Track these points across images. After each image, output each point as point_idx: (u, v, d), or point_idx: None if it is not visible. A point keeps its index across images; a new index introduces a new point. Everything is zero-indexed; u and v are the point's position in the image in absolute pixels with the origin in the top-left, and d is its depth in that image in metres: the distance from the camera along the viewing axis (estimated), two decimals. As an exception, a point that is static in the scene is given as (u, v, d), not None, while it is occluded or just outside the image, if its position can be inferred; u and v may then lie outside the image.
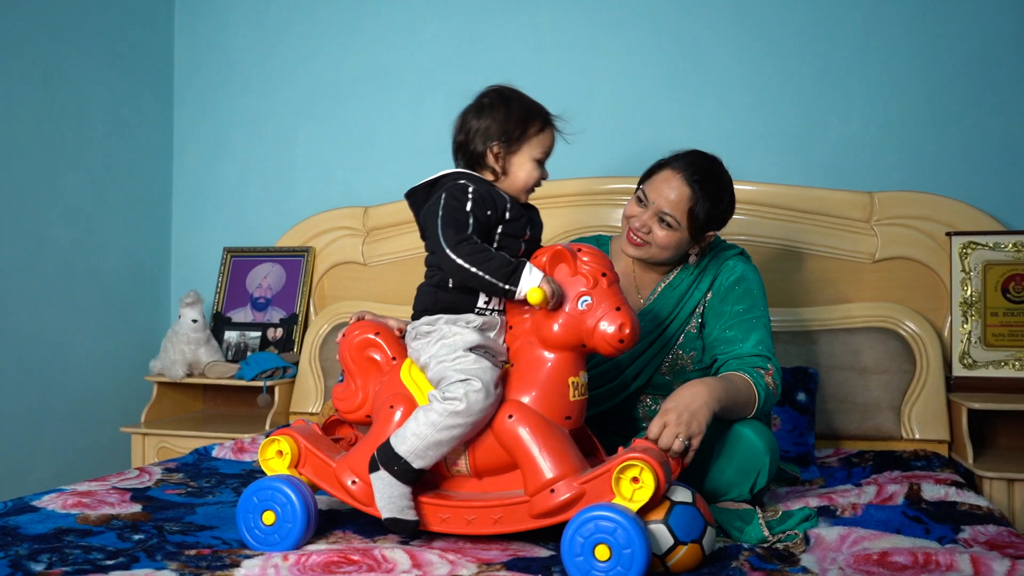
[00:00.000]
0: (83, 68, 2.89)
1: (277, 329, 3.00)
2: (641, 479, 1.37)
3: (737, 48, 2.80)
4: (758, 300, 1.89)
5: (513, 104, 1.59)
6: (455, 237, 1.49)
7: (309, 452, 1.58)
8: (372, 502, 1.50)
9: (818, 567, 1.41)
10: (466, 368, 1.47)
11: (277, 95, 3.20)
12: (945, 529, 1.60)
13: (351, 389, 1.64)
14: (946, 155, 2.63)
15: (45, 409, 2.75)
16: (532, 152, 1.59)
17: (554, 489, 1.41)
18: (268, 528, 1.49)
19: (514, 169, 1.58)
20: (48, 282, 2.77)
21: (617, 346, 1.46)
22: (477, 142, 1.57)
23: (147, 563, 1.38)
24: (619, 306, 1.46)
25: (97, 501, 1.77)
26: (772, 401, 1.78)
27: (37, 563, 1.37)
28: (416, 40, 3.06)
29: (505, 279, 1.46)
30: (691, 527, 1.39)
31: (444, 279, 1.55)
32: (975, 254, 2.46)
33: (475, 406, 1.44)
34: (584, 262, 1.49)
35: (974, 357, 2.43)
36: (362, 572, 1.35)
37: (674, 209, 1.83)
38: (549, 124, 1.61)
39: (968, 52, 2.63)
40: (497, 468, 1.52)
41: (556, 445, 1.45)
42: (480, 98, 1.62)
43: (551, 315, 1.48)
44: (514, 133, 1.57)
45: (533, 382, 1.49)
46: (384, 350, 1.63)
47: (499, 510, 1.47)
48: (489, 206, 1.54)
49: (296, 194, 3.18)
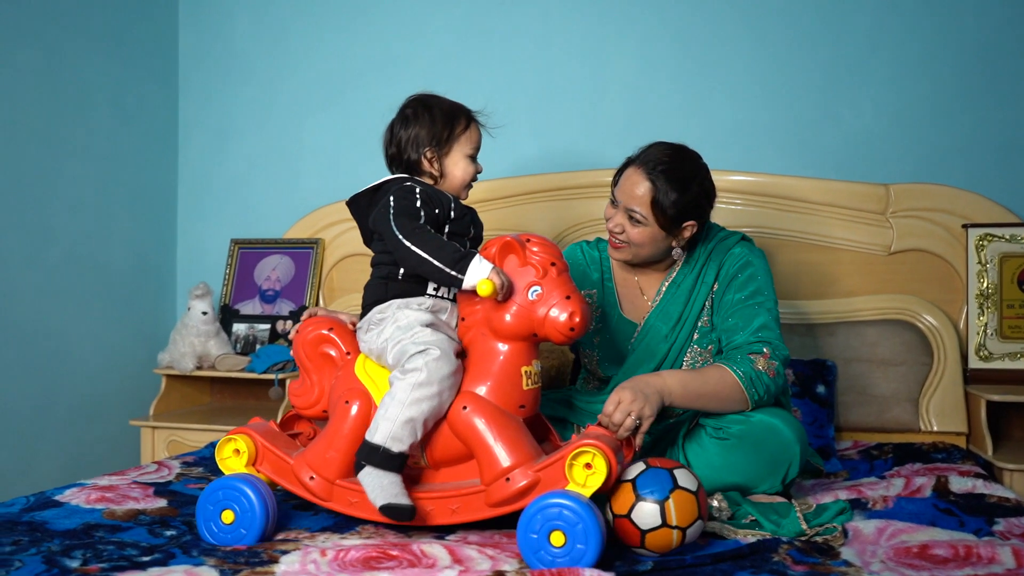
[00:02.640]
0: (87, 57, 2.84)
1: (287, 321, 2.97)
2: (594, 465, 1.40)
3: (747, 40, 2.78)
4: (762, 286, 1.86)
5: (435, 109, 1.68)
6: (409, 225, 1.54)
7: (266, 450, 1.59)
8: (330, 497, 1.53)
9: (859, 560, 1.40)
10: (423, 340, 1.50)
11: (283, 85, 3.16)
12: (979, 522, 1.60)
13: (307, 385, 1.67)
14: (959, 147, 2.63)
15: (52, 402, 2.71)
16: (463, 150, 1.67)
17: (510, 478, 1.44)
18: (227, 526, 1.49)
19: (450, 169, 1.67)
20: (53, 274, 2.73)
21: (568, 334, 1.48)
22: (410, 151, 1.66)
23: (184, 559, 1.36)
24: (569, 295, 1.49)
25: (120, 496, 1.74)
26: (770, 383, 1.73)
27: (71, 559, 1.35)
28: (424, 30, 3.03)
29: (453, 265, 1.49)
30: (660, 483, 1.42)
31: (394, 271, 1.60)
32: (991, 246, 2.46)
33: (436, 373, 1.46)
34: (533, 252, 1.51)
35: (990, 349, 2.44)
36: (403, 568, 1.33)
37: (639, 204, 1.81)
38: (473, 120, 1.70)
39: (981, 43, 2.62)
40: (453, 459, 1.55)
41: (511, 434, 1.47)
42: (403, 109, 1.71)
43: (502, 306, 1.50)
44: (442, 136, 1.66)
45: (487, 373, 1.52)
46: (338, 345, 1.65)
47: (456, 500, 1.49)
48: (436, 204, 1.60)
49: (303, 185, 3.14)
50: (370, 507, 1.49)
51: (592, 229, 2.71)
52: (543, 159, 2.89)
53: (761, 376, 1.73)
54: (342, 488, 1.53)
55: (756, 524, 1.58)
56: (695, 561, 1.38)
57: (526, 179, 2.82)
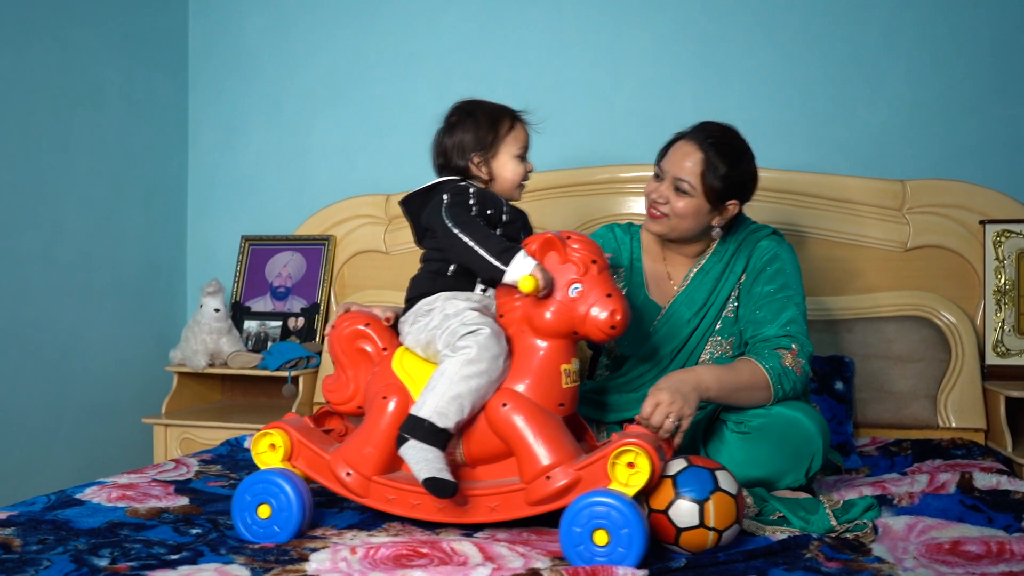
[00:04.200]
0: (97, 53, 2.82)
1: (298, 318, 2.96)
2: (636, 464, 1.39)
3: (762, 37, 2.77)
4: (791, 280, 1.87)
5: (478, 113, 1.68)
6: (460, 215, 1.55)
7: (302, 445, 1.57)
8: (367, 493, 1.51)
9: (892, 557, 1.39)
10: (472, 321, 1.49)
11: (294, 81, 3.15)
12: (1008, 518, 1.59)
13: (342, 381, 1.65)
14: (975, 143, 2.62)
15: (64, 400, 2.70)
16: (510, 151, 1.67)
17: (550, 476, 1.43)
18: (264, 521, 1.48)
19: (498, 172, 1.67)
20: (64, 272, 2.71)
21: (609, 332, 1.47)
22: (456, 158, 1.66)
23: (213, 558, 1.35)
24: (610, 292, 1.48)
25: (142, 494, 1.73)
26: (796, 380, 1.74)
27: (99, 558, 1.34)
28: (438, 25, 3.01)
29: (498, 256, 1.48)
30: (702, 483, 1.41)
31: (443, 267, 1.60)
32: (1009, 242, 2.46)
33: (486, 351, 1.45)
34: (574, 249, 1.50)
35: (1007, 345, 2.43)
36: (435, 566, 1.32)
37: (688, 174, 1.82)
38: (517, 120, 1.70)
39: (996, 39, 2.61)
40: (491, 456, 1.53)
41: (551, 432, 1.46)
42: (447, 118, 1.71)
43: (542, 303, 1.49)
44: (487, 139, 1.65)
45: (526, 370, 1.50)
46: (375, 341, 1.64)
47: (496, 498, 1.48)
48: (490, 205, 1.61)
49: (315, 181, 3.13)
50: (408, 504, 1.48)
51: (609, 226, 2.69)
52: (557, 156, 2.87)
53: (788, 373, 1.73)
54: (379, 484, 1.51)
55: (784, 520, 1.57)
56: (728, 559, 1.37)
57: (540, 176, 2.79)
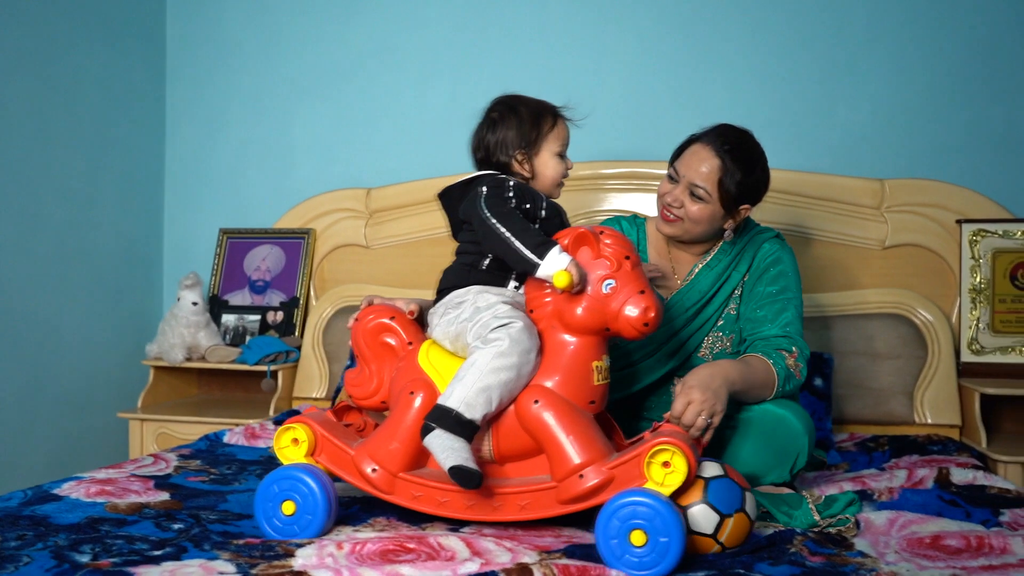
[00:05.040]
0: (74, 43, 2.77)
1: (277, 312, 2.93)
2: (672, 463, 1.38)
3: (745, 34, 2.79)
4: (791, 283, 1.90)
5: (521, 109, 1.65)
6: (498, 206, 1.53)
7: (325, 440, 1.54)
8: (392, 490, 1.49)
9: (874, 551, 1.41)
10: (505, 314, 1.48)
11: (275, 72, 3.11)
12: (985, 513, 1.61)
13: (365, 375, 1.62)
14: (953, 143, 2.65)
15: (38, 394, 2.66)
16: (552, 148, 1.65)
17: (583, 474, 1.41)
18: (288, 518, 1.46)
19: (540, 169, 1.65)
20: (41, 262, 2.67)
21: (642, 329, 1.45)
22: (499, 154, 1.64)
23: (197, 553, 1.33)
24: (643, 289, 1.46)
25: (121, 489, 1.71)
26: (795, 383, 1.79)
27: (80, 554, 1.31)
28: (421, 19, 3.00)
29: (534, 249, 1.46)
30: (731, 498, 1.40)
31: (478, 260, 1.57)
32: (984, 241, 2.49)
33: (517, 345, 1.43)
34: (607, 244, 1.48)
35: (982, 343, 2.47)
36: (423, 561, 1.32)
37: (705, 181, 1.83)
38: (560, 117, 1.68)
39: (976, 40, 2.65)
40: (520, 453, 1.51)
41: (583, 430, 1.44)
42: (488, 113, 1.68)
43: (574, 299, 1.47)
44: (530, 136, 1.64)
45: (556, 367, 1.48)
46: (400, 335, 1.60)
47: (526, 496, 1.46)
48: (528, 200, 1.59)
49: (295, 175, 3.10)
50: (435, 501, 1.46)
51: (590, 223, 2.69)
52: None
53: (791, 375, 1.76)
54: (406, 481, 1.48)
55: (768, 516, 1.58)
56: (714, 554, 1.38)
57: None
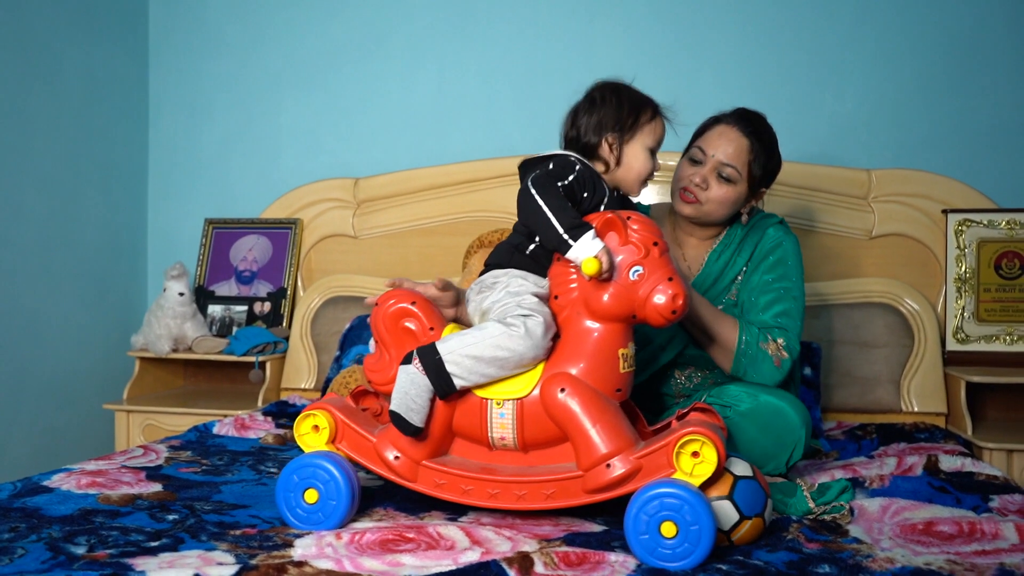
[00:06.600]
0: (54, 29, 2.73)
1: (264, 303, 2.91)
2: (702, 454, 1.35)
3: (733, 24, 2.80)
4: (791, 270, 1.88)
5: (624, 94, 1.61)
6: (546, 181, 1.49)
7: (346, 426, 1.52)
8: (415, 478, 1.47)
9: (869, 538, 1.43)
10: (531, 306, 1.46)
11: (260, 60, 3.08)
12: (975, 499, 1.64)
13: (384, 360, 1.57)
14: (939, 134, 2.68)
15: (22, 386, 2.62)
16: (645, 141, 1.59)
17: (610, 464, 1.39)
18: (311, 507, 1.44)
19: (628, 159, 1.59)
20: (24, 254, 2.63)
21: (670, 317, 1.43)
22: (591, 135, 1.59)
23: (195, 544, 1.32)
24: (671, 276, 1.43)
25: (112, 481, 1.69)
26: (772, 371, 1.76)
27: (76, 545, 1.30)
28: (407, 8, 2.98)
29: (568, 229, 1.43)
30: (755, 501, 1.39)
31: (524, 243, 1.55)
32: (970, 231, 2.52)
33: (530, 338, 1.42)
34: (635, 231, 1.45)
35: (967, 332, 2.50)
36: (423, 550, 1.31)
37: (735, 160, 1.84)
38: (659, 113, 1.62)
39: (960, 31, 2.67)
40: (545, 442, 1.48)
41: (609, 419, 1.42)
42: (591, 93, 1.64)
43: (601, 285, 1.44)
44: (627, 122, 1.58)
45: (582, 354, 1.46)
46: (421, 320, 1.56)
47: (552, 485, 1.43)
48: (588, 189, 1.54)
49: (281, 164, 3.07)
50: (458, 490, 1.45)
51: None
52: (527, 141, 2.87)
53: (763, 358, 1.75)
54: (429, 469, 1.47)
55: (763, 503, 1.59)
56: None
57: (509, 161, 2.80)
